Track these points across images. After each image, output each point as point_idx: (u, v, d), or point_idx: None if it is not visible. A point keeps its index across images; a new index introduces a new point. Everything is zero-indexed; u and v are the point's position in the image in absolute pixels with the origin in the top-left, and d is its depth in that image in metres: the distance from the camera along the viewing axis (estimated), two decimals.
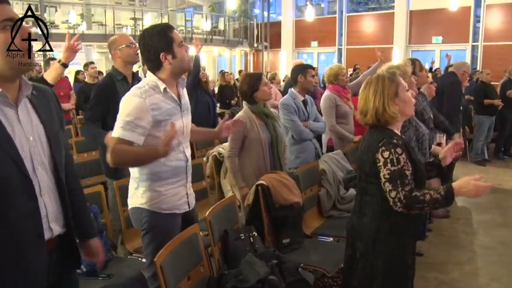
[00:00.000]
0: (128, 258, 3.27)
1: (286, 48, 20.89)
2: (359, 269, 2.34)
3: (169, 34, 2.41)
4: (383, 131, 2.25)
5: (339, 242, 3.52)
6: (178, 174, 2.53)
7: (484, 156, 8.59)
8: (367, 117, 2.28)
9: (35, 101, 1.72)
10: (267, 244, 3.24)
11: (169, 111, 2.42)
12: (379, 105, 2.23)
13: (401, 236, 2.28)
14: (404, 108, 2.27)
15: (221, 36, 20.66)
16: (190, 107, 2.67)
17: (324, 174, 4.08)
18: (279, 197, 3.34)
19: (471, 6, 15.74)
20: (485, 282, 3.98)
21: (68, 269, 1.91)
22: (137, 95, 2.35)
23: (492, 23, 15.51)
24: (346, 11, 19.33)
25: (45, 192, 1.69)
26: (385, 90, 2.23)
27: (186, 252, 2.47)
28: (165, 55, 2.40)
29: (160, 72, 2.45)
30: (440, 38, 16.58)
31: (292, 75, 4.54)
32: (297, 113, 4.32)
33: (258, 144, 3.65)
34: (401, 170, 2.13)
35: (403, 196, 2.11)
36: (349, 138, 4.91)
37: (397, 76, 2.32)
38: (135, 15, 17.64)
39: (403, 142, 2.22)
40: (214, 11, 22.69)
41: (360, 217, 2.33)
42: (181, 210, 2.59)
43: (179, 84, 2.54)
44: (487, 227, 5.39)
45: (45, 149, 1.71)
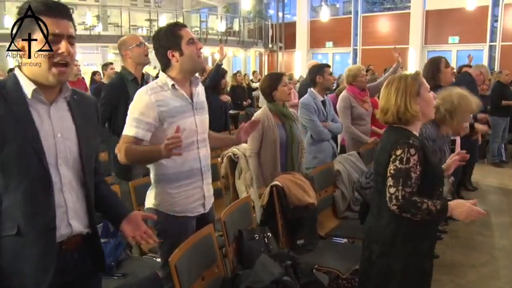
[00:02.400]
0: (142, 258, 3.29)
1: (301, 49, 20.84)
2: (375, 272, 2.33)
3: (177, 32, 2.43)
4: (401, 131, 2.24)
5: (353, 244, 3.51)
6: (193, 176, 2.51)
7: (501, 157, 8.48)
8: (388, 115, 2.27)
9: (74, 104, 1.79)
10: (282, 245, 3.24)
11: (178, 108, 2.43)
12: (400, 103, 2.22)
13: (420, 239, 2.26)
14: (425, 108, 2.26)
15: (236, 37, 20.69)
16: (206, 107, 2.67)
17: (339, 175, 4.07)
18: (293, 198, 3.34)
19: (489, 6, 15.53)
20: (502, 285, 3.93)
21: (92, 271, 1.93)
22: (144, 92, 2.41)
23: (511, 22, 15.29)
24: (362, 11, 19.23)
25: (66, 189, 1.73)
26: (407, 89, 2.23)
27: (201, 252, 2.48)
28: (172, 52, 2.43)
29: (170, 71, 2.48)
30: (457, 38, 16.40)
31: (310, 76, 4.58)
32: (317, 113, 4.34)
33: (273, 144, 3.68)
34: (408, 170, 2.12)
35: (401, 196, 2.11)
36: (364, 139, 4.90)
37: (420, 76, 2.31)
38: (150, 16, 17.77)
39: (421, 144, 2.20)
40: (229, 12, 22.73)
41: (377, 219, 2.32)
42: (195, 213, 2.58)
43: (192, 83, 2.55)
44: (504, 229, 5.33)
45: (73, 149, 1.75)
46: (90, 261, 1.90)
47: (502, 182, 7.34)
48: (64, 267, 1.76)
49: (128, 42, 3.70)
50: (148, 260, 3.24)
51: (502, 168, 8.19)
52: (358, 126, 4.92)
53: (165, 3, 22.23)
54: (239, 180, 4.11)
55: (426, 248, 2.31)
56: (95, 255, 1.91)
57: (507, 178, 7.54)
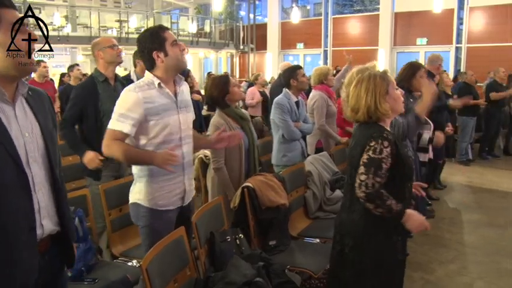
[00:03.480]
0: (113, 262, 3.25)
1: (272, 50, 20.91)
2: (348, 265, 2.36)
3: (161, 34, 2.57)
4: (374, 126, 2.30)
5: (325, 243, 3.53)
6: (175, 171, 2.58)
7: (468, 156, 8.69)
8: (359, 114, 2.32)
9: (31, 101, 1.78)
10: (254, 246, 3.24)
11: (164, 106, 2.54)
12: (371, 102, 2.27)
13: (392, 232, 2.30)
14: (394, 105, 2.33)
15: (207, 39, 20.61)
16: (191, 105, 2.79)
17: (310, 175, 4.10)
18: (265, 199, 3.34)
19: (454, 9, 15.89)
20: (470, 281, 4.02)
21: (60, 269, 1.93)
22: (131, 90, 2.51)
23: (475, 25, 15.69)
24: (332, 13, 19.40)
25: (38, 188, 1.73)
26: (377, 88, 2.28)
27: (172, 255, 2.47)
28: (157, 53, 2.55)
29: (155, 70, 2.59)
30: (424, 39, 16.72)
31: (284, 80, 4.61)
32: (290, 113, 4.38)
33: (238, 150, 3.59)
34: (380, 160, 2.18)
35: (371, 184, 2.16)
36: (337, 139, 4.97)
37: (387, 74, 2.35)
38: (120, 17, 17.53)
39: (393, 138, 2.25)
40: (200, 13, 22.64)
41: (349, 213, 2.35)
42: (175, 206, 2.66)
43: (176, 82, 2.66)
44: (472, 227, 5.45)
45: (40, 146, 1.76)
46: (59, 261, 1.89)
47: (470, 179, 7.52)
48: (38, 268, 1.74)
49: (101, 43, 3.72)
50: (119, 263, 3.19)
51: (469, 166, 8.39)
52: (331, 125, 4.99)
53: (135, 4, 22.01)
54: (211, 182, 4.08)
55: (397, 240, 2.35)
56: (66, 253, 1.91)
57: (475, 176, 7.73)
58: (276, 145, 4.50)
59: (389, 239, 2.30)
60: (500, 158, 9.22)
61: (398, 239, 2.36)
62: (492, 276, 4.10)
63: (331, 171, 4.33)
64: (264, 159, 4.83)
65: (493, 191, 6.92)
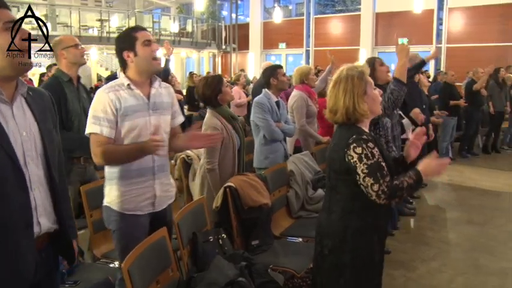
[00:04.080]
0: (95, 263, 3.22)
1: (254, 50, 20.93)
2: (327, 266, 2.36)
3: (132, 33, 2.51)
4: (352, 128, 2.28)
5: (307, 243, 3.54)
6: (144, 175, 2.52)
7: (448, 155, 8.80)
8: (337, 115, 2.30)
9: (31, 101, 1.80)
10: (236, 246, 3.24)
11: (133, 107, 2.48)
12: (349, 103, 2.25)
13: (370, 233, 2.31)
14: (372, 105, 2.31)
15: (189, 38, 20.56)
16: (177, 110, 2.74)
17: (292, 175, 4.11)
18: (247, 198, 3.34)
19: (434, 9, 16.11)
20: (450, 277, 4.07)
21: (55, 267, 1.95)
22: (102, 91, 2.48)
23: (454, 25, 15.92)
24: (314, 13, 19.50)
25: (35, 186, 1.74)
26: (354, 89, 2.26)
27: (155, 255, 2.45)
28: (127, 53, 2.50)
29: (127, 71, 2.54)
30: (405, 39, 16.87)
31: (264, 79, 4.55)
32: (271, 113, 4.34)
33: (232, 151, 3.62)
34: (378, 162, 2.17)
35: (386, 188, 2.14)
36: (318, 138, 4.97)
37: (365, 75, 2.35)
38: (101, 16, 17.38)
39: (373, 138, 2.25)
40: (182, 13, 22.56)
41: (328, 214, 2.35)
42: (145, 212, 2.57)
43: (153, 84, 2.59)
44: (452, 224, 5.53)
45: (38, 145, 1.78)
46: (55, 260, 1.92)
47: (451, 178, 7.62)
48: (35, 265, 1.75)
49: (64, 42, 3.59)
50: (101, 265, 3.16)
51: (450, 165, 8.45)
52: (311, 125, 4.98)
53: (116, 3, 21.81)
54: (193, 182, 4.07)
55: (376, 240, 2.35)
56: (64, 250, 1.94)
57: (455, 174, 7.83)
58: (257, 147, 4.43)
59: (368, 239, 2.30)
60: (479, 156, 9.36)
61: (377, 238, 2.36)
62: (471, 273, 4.16)
63: (313, 170, 4.34)
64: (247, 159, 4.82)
65: (473, 188, 7.02)
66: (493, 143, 9.72)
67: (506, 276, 4.10)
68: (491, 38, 14.91)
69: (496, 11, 14.84)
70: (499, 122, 9.51)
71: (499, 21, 14.81)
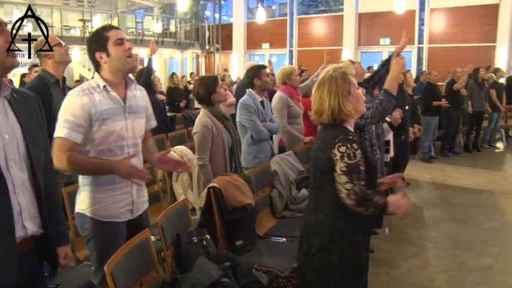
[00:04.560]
0: (77, 266, 3.19)
1: (238, 50, 20.91)
2: (315, 265, 2.37)
3: (103, 33, 2.43)
4: (338, 128, 2.30)
5: (291, 242, 3.56)
6: (121, 181, 2.43)
7: (430, 154, 8.92)
8: (323, 116, 2.32)
9: (15, 103, 1.77)
10: (220, 247, 3.24)
11: (109, 111, 2.39)
12: (334, 104, 2.28)
13: (356, 232, 2.33)
14: (357, 105, 2.34)
15: (172, 39, 20.46)
16: (150, 114, 2.67)
17: (275, 175, 4.12)
18: (231, 199, 3.34)
19: (416, 10, 16.26)
20: (433, 274, 4.13)
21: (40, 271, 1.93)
22: (75, 94, 2.37)
23: (436, 26, 16.10)
24: (297, 13, 19.55)
25: (19, 190, 1.71)
26: (339, 90, 2.29)
27: (138, 257, 2.44)
28: (100, 54, 2.42)
29: (101, 72, 2.46)
30: (388, 39, 17.03)
31: (248, 79, 4.59)
32: (257, 113, 4.37)
33: (222, 149, 3.68)
34: (357, 164, 2.20)
35: (359, 189, 2.17)
36: (301, 138, 4.98)
37: (348, 75, 2.37)
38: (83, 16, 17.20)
39: (358, 139, 2.28)
40: (165, 13, 22.43)
41: (315, 214, 2.36)
42: (122, 219, 2.51)
43: (128, 85, 2.52)
44: (434, 222, 5.60)
45: (21, 148, 1.74)
46: (41, 264, 1.90)
47: (433, 176, 7.72)
48: (18, 271, 1.72)
49: (50, 42, 3.54)
50: (83, 268, 3.14)
51: (431, 164, 8.61)
52: (294, 125, 5.00)
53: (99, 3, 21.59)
54: (176, 183, 4.07)
55: (361, 239, 2.38)
56: (49, 256, 1.91)
57: (437, 173, 7.94)
58: (245, 147, 4.46)
59: (355, 238, 2.33)
60: (460, 155, 9.50)
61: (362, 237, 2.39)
62: (453, 270, 4.22)
63: (297, 170, 4.36)
64: None
65: (454, 187, 7.12)
66: (474, 141, 9.86)
67: (487, 272, 4.18)
68: (472, 39, 15.12)
69: (476, 11, 15.05)
70: (479, 121, 9.66)
71: (480, 22, 15.02)
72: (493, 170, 8.47)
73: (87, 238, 2.50)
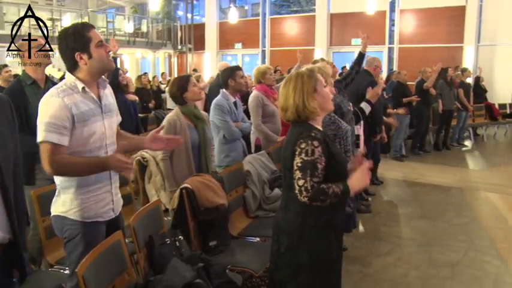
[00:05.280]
0: (48, 270, 3.13)
1: (211, 50, 20.85)
2: (284, 264, 2.38)
3: (85, 33, 2.35)
4: (303, 125, 2.32)
5: (265, 242, 3.56)
6: (102, 180, 2.44)
7: (402, 152, 9.06)
8: (288, 113, 2.34)
9: None
10: (194, 248, 3.22)
11: (89, 112, 2.36)
12: (299, 101, 2.29)
13: (327, 230, 2.34)
14: (323, 103, 2.36)
15: (144, 38, 20.27)
16: (117, 110, 2.64)
17: (248, 175, 4.12)
18: (204, 199, 3.33)
19: (386, 11, 16.50)
20: (405, 271, 4.19)
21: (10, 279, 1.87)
22: (55, 95, 2.29)
23: (406, 26, 16.38)
24: (269, 14, 19.60)
25: None
26: (304, 87, 2.31)
27: (110, 260, 2.41)
28: (80, 55, 2.35)
29: (77, 72, 2.39)
30: (359, 40, 17.21)
31: (223, 80, 4.62)
32: (230, 113, 4.40)
33: (184, 146, 3.69)
34: (314, 161, 2.20)
35: (310, 186, 2.17)
36: (273, 138, 5.00)
37: (315, 72, 2.39)
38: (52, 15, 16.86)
39: (322, 136, 2.29)
40: (136, 13, 22.20)
41: (285, 213, 2.37)
42: (106, 218, 2.51)
43: (100, 85, 2.48)
44: (406, 219, 5.69)
45: None
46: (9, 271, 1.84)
47: (404, 174, 7.85)
48: None
49: (27, 45, 3.50)
50: (54, 272, 3.08)
51: (403, 162, 8.75)
52: (270, 124, 5.02)
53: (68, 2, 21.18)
54: (149, 184, 4.03)
55: (332, 238, 2.38)
56: (17, 262, 1.85)
57: (409, 171, 8.07)
58: (217, 146, 4.48)
59: (325, 236, 2.34)
60: (430, 153, 9.68)
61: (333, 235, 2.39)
62: (425, 266, 4.30)
63: (270, 170, 4.37)
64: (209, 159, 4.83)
65: (425, 184, 7.25)
66: (443, 140, 10.07)
67: (456, 267, 4.27)
68: (440, 39, 15.42)
69: (444, 13, 15.36)
70: (448, 119, 9.87)
71: (447, 23, 15.34)
72: (462, 167, 8.69)
73: (66, 240, 2.45)
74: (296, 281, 2.34)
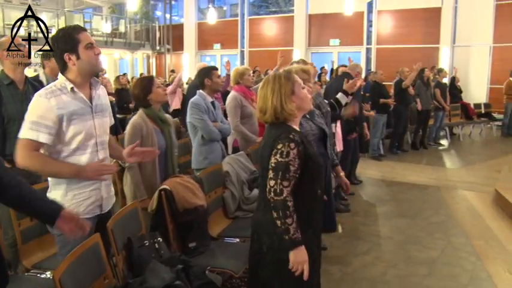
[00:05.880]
0: (24, 275, 3.07)
1: (189, 51, 20.78)
2: (267, 263, 2.39)
3: (75, 35, 2.44)
4: (281, 126, 2.33)
5: (245, 243, 3.56)
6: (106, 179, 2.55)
7: (380, 151, 9.16)
8: (267, 115, 2.35)
9: None
10: (173, 249, 3.20)
11: (78, 111, 2.45)
12: (277, 103, 2.31)
13: (305, 228, 2.34)
14: (301, 104, 2.38)
15: (122, 39, 20.10)
16: (110, 112, 2.72)
17: (227, 176, 4.11)
18: (183, 201, 3.31)
19: (364, 12, 16.66)
20: (383, 269, 4.24)
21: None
22: (42, 96, 2.39)
23: (383, 27, 16.57)
24: (248, 14, 19.62)
25: None
26: (282, 89, 2.32)
27: (88, 263, 2.38)
28: (69, 55, 2.44)
29: (67, 73, 2.48)
30: (337, 40, 17.38)
31: (199, 79, 4.56)
32: (207, 113, 4.34)
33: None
34: (287, 163, 2.22)
35: (279, 190, 2.20)
36: (253, 138, 5.00)
37: (292, 74, 2.41)
38: None
39: (300, 137, 2.30)
40: (114, 13, 22.00)
41: (264, 213, 2.37)
42: (92, 215, 2.57)
43: (92, 86, 2.57)
44: (384, 218, 5.75)
45: None
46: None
47: (382, 174, 7.94)
48: None
49: (7, 43, 3.45)
50: (31, 276, 3.03)
51: (381, 161, 8.84)
52: (248, 125, 5.01)
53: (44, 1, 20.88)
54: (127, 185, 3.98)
55: (311, 236, 2.39)
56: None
57: (387, 170, 8.17)
58: (195, 148, 4.44)
59: (305, 235, 2.34)
60: (408, 152, 9.81)
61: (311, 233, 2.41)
62: (403, 264, 4.35)
63: (249, 170, 4.37)
64: (182, 161, 4.79)
65: (403, 183, 7.34)
66: (421, 139, 10.21)
67: (433, 264, 4.33)
68: (416, 40, 15.65)
69: (420, 14, 15.60)
70: (425, 119, 10.02)
71: (424, 24, 15.57)
72: (439, 166, 8.83)
73: (57, 235, 2.52)
74: (281, 278, 2.34)
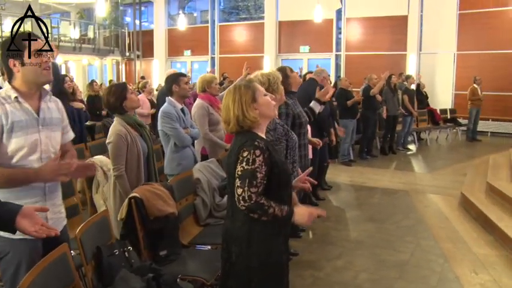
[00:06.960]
0: None
1: (159, 57, 20.64)
2: (236, 272, 2.38)
3: (22, 41, 2.30)
4: (247, 134, 2.34)
5: (216, 250, 3.54)
6: (32, 196, 2.33)
7: (350, 157, 9.26)
8: (231, 125, 2.37)
9: None
10: (144, 258, 3.16)
11: (21, 123, 2.29)
12: (238, 112, 2.32)
13: (274, 236, 2.36)
14: (265, 111, 2.38)
15: (91, 45, 19.81)
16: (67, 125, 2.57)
17: (198, 183, 4.09)
18: (153, 208, 3.27)
19: (333, 19, 16.86)
20: (355, 274, 4.28)
21: None
22: None
23: (352, 34, 16.80)
24: (218, 21, 19.62)
25: None
26: (242, 98, 2.33)
27: (56, 274, 2.31)
28: (13, 61, 2.30)
29: (14, 81, 2.34)
30: (307, 47, 17.53)
31: (167, 86, 4.54)
32: (178, 120, 4.34)
33: (137, 157, 3.57)
34: (254, 171, 2.22)
35: (248, 197, 2.21)
36: (222, 145, 4.99)
37: (253, 83, 2.42)
38: None
39: (265, 144, 2.31)
40: (83, 18, 21.68)
41: (233, 221, 2.37)
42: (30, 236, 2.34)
43: (42, 97, 2.40)
44: (355, 223, 5.82)
45: None
46: None
47: (352, 179, 8.02)
48: None
49: None
50: None
51: (351, 166, 8.94)
52: (215, 133, 4.99)
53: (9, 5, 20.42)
54: (97, 194, 3.92)
55: (280, 243, 2.41)
56: None
57: (356, 175, 8.26)
58: (168, 155, 4.43)
59: (273, 242, 2.36)
60: (377, 157, 9.95)
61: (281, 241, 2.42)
62: (373, 268, 4.40)
63: (220, 177, 4.35)
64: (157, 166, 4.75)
65: (373, 188, 7.44)
66: (389, 144, 10.38)
67: (404, 267, 4.40)
68: (384, 47, 15.92)
69: (387, 22, 15.87)
70: (393, 125, 10.19)
71: (391, 32, 15.85)
72: (407, 171, 8.99)
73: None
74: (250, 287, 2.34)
